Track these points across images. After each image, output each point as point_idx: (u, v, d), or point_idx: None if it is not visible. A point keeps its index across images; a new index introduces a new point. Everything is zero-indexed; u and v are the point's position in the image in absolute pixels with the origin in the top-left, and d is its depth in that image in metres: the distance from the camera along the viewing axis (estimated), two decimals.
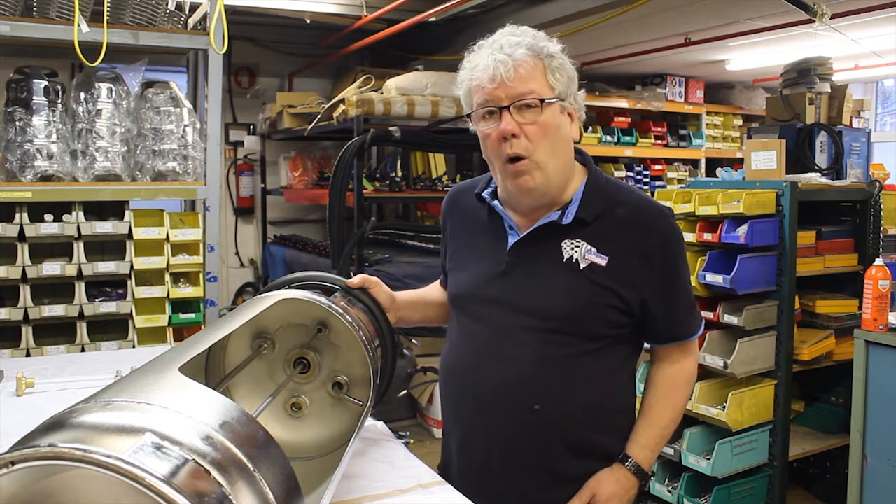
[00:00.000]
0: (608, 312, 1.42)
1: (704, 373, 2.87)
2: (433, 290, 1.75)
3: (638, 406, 1.56)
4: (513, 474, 1.46)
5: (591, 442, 1.46)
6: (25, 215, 3.27)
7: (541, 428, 1.42)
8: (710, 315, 2.85)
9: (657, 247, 1.43)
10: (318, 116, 4.57)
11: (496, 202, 1.52)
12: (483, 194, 1.54)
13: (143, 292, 3.49)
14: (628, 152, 5.94)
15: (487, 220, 1.54)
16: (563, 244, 1.43)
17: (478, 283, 1.50)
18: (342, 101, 4.27)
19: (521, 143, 1.37)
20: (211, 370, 1.38)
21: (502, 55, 1.36)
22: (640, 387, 1.60)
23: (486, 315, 1.48)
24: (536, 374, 1.41)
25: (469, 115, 1.46)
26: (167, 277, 3.54)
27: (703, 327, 1.57)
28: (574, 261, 1.42)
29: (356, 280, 1.51)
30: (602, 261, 1.41)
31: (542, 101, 1.37)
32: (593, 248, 1.42)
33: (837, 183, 3.10)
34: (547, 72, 1.38)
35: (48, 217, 3.32)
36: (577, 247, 1.42)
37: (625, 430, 1.51)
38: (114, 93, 3.44)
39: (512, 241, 1.48)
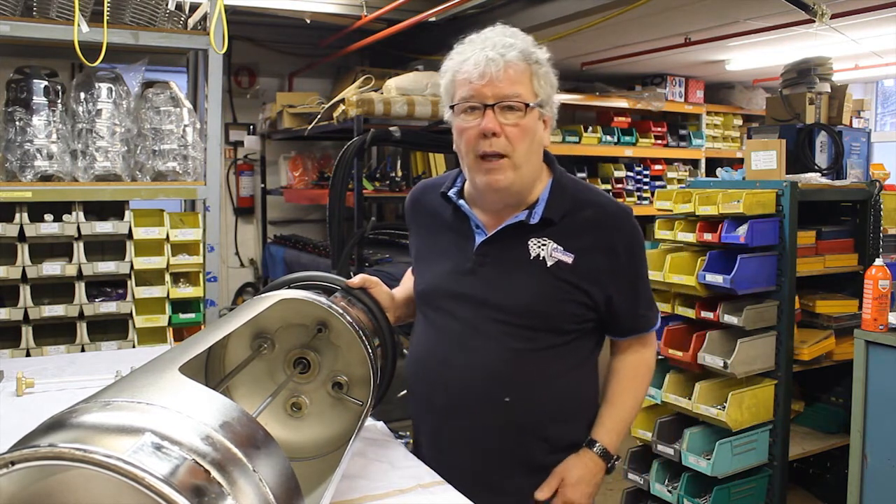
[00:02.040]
0: (574, 308, 1.47)
1: (704, 373, 2.87)
2: None
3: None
4: (484, 466, 1.48)
5: (560, 433, 1.50)
6: (25, 215, 3.26)
7: (512, 420, 1.46)
8: (710, 315, 2.85)
9: (623, 246, 1.49)
10: (318, 116, 4.56)
11: (462, 201, 1.53)
12: (449, 193, 1.56)
13: (143, 292, 3.48)
14: (628, 152, 5.93)
15: (453, 219, 1.56)
16: (529, 242, 1.47)
17: (446, 279, 1.53)
18: (342, 101, 4.26)
19: (500, 142, 1.40)
20: (211, 370, 1.38)
21: (494, 54, 1.38)
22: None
23: (455, 310, 1.50)
24: (506, 368, 1.45)
25: (451, 107, 1.46)
26: (167, 277, 3.53)
27: (660, 320, 1.65)
28: (541, 258, 1.46)
29: (356, 280, 1.52)
30: (568, 258, 1.45)
31: (526, 105, 1.39)
32: (559, 247, 1.46)
33: (837, 183, 3.10)
34: (533, 78, 1.42)
35: (48, 217, 3.31)
36: (544, 245, 1.46)
37: (591, 421, 1.56)
38: (114, 93, 3.43)
39: (479, 239, 1.50)
